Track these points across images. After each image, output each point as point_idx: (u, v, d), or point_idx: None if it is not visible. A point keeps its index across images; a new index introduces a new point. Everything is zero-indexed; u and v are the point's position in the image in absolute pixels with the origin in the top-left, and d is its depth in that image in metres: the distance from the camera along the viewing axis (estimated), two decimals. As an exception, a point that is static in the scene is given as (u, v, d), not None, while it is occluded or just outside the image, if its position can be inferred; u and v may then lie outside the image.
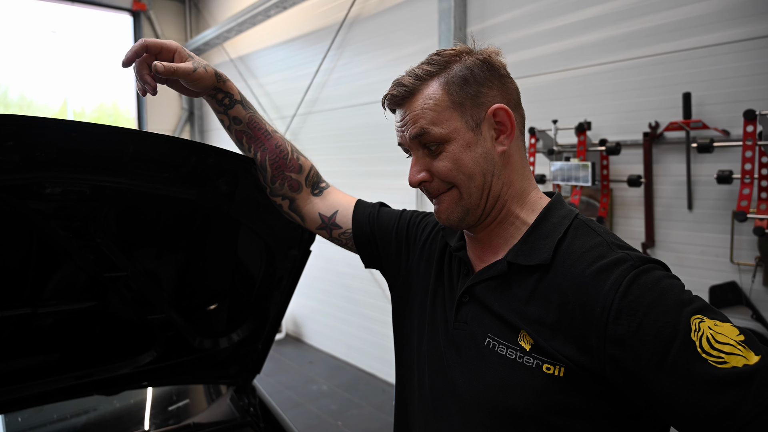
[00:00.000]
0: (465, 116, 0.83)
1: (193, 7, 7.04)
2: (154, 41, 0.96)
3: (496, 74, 0.85)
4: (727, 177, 2.23)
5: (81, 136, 1.02)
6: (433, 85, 0.84)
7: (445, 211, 0.87)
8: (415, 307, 1.01)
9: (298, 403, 3.97)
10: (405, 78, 0.86)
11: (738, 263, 2.37)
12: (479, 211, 0.85)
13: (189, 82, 1.00)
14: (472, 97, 0.83)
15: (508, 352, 0.79)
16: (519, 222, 0.86)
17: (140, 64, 0.97)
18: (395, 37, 4.04)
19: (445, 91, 0.83)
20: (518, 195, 0.87)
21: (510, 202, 0.86)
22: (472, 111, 0.83)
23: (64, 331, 1.44)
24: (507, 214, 0.87)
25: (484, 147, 0.83)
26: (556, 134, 2.87)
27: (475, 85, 0.83)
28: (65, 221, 1.20)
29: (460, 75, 0.83)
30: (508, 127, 0.84)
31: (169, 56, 0.98)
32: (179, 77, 0.98)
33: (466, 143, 0.83)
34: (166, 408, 1.93)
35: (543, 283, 0.78)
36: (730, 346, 0.64)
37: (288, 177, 1.14)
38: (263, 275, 1.51)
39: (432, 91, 0.83)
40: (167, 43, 0.98)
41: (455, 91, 0.83)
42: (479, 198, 0.84)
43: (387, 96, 0.88)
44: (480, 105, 0.83)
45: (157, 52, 0.97)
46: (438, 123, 0.82)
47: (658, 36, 2.55)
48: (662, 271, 0.72)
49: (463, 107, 0.83)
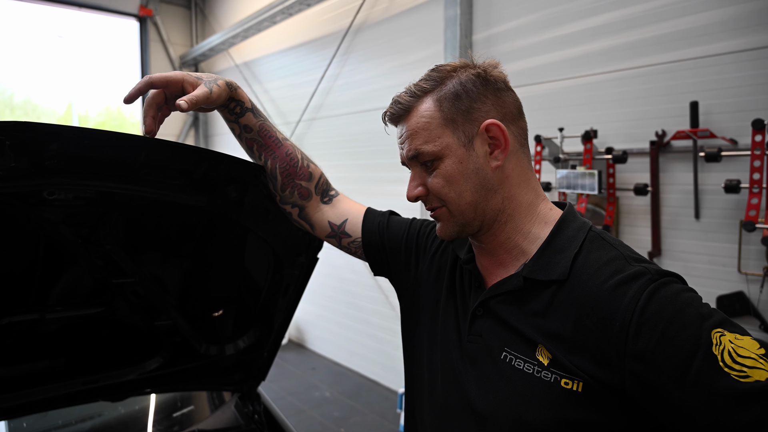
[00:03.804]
0: (457, 132, 0.84)
1: (199, 12, 7.08)
2: (159, 76, 0.94)
3: (491, 88, 0.85)
4: (734, 186, 2.22)
5: (92, 144, 1.02)
6: (427, 102, 0.85)
7: (442, 229, 0.89)
8: (425, 317, 1.00)
9: (301, 409, 3.96)
10: (402, 95, 0.88)
11: (746, 273, 2.36)
12: (476, 225, 0.86)
13: (208, 104, 0.99)
14: (464, 113, 0.83)
15: (526, 366, 0.78)
16: (532, 236, 0.86)
17: (149, 103, 0.95)
18: (401, 44, 4.05)
19: (437, 108, 0.84)
20: (524, 208, 0.86)
21: (515, 216, 0.86)
22: (464, 127, 0.83)
23: (70, 336, 1.44)
24: (515, 228, 0.86)
25: (477, 163, 0.84)
26: (562, 142, 2.87)
27: (468, 101, 0.83)
28: (75, 227, 1.19)
29: (453, 91, 0.84)
30: (501, 142, 0.83)
31: (178, 87, 0.96)
32: (200, 105, 0.96)
33: (459, 159, 0.84)
34: (170, 414, 1.93)
35: (559, 297, 0.77)
36: (752, 360, 0.63)
37: (298, 185, 1.13)
38: (270, 282, 1.51)
39: (425, 108, 0.85)
40: (172, 76, 0.95)
41: (447, 108, 0.84)
42: (472, 214, 0.85)
43: (386, 113, 0.90)
44: (472, 120, 0.83)
45: (163, 86, 0.95)
46: (430, 140, 0.84)
47: (665, 44, 2.55)
48: (680, 285, 0.72)
49: (455, 123, 0.83)
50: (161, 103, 0.97)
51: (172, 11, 6.99)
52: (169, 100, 0.98)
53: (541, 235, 0.85)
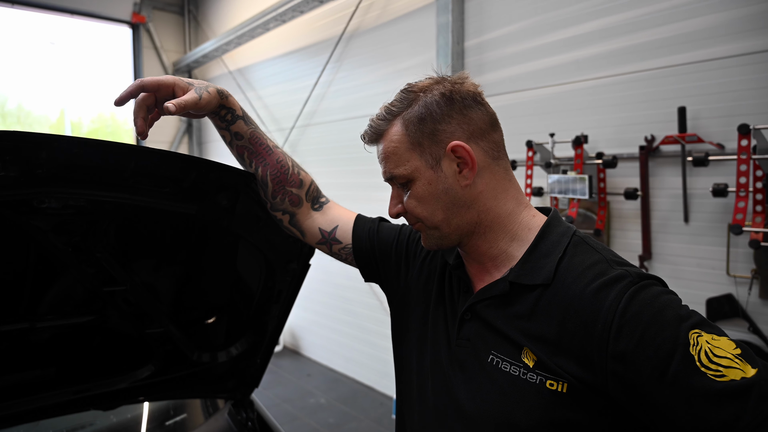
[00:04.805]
0: (424, 155, 0.86)
1: (192, 19, 7.09)
2: (150, 80, 0.95)
3: (456, 107, 0.85)
4: (722, 190, 2.25)
5: (82, 152, 1.02)
6: (396, 125, 0.88)
7: (424, 241, 0.93)
8: (415, 322, 1.01)
9: (296, 416, 3.94)
10: (374, 119, 0.91)
11: (734, 276, 2.38)
12: (453, 238, 0.89)
13: (197, 110, 1.00)
14: (429, 135, 0.85)
15: (512, 368, 0.80)
16: (516, 242, 0.87)
17: (139, 104, 0.95)
18: (394, 50, 4.07)
19: (404, 132, 0.87)
20: (504, 218, 0.87)
21: (495, 226, 0.87)
22: (431, 149, 0.85)
23: (61, 345, 1.43)
24: (495, 237, 0.88)
25: (446, 183, 0.85)
26: (553, 147, 2.89)
27: (432, 123, 0.85)
28: (65, 236, 1.20)
29: (418, 114, 0.86)
30: (469, 162, 0.84)
31: (169, 91, 0.97)
32: (189, 110, 0.97)
33: (428, 181, 0.86)
34: (163, 423, 1.92)
35: (544, 301, 0.79)
36: (727, 359, 0.65)
37: (289, 192, 1.14)
38: (262, 289, 1.51)
39: (394, 132, 0.88)
40: (164, 79, 0.96)
41: (413, 131, 0.86)
42: (447, 229, 0.88)
43: (363, 135, 0.93)
44: (438, 142, 0.85)
45: (154, 89, 0.96)
46: (400, 164, 0.87)
47: (653, 51, 2.59)
48: (660, 287, 0.74)
49: (421, 147, 0.86)
50: (151, 105, 0.97)
51: (165, 18, 6.99)
52: (160, 103, 0.98)
53: (526, 240, 0.86)
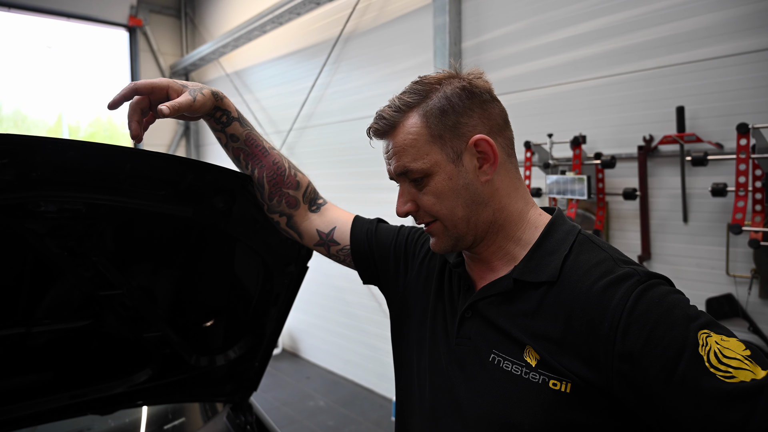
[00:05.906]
0: (445, 148, 0.83)
1: (189, 22, 7.09)
2: (144, 83, 0.94)
3: (477, 101, 0.84)
4: (721, 190, 2.25)
5: (77, 155, 1.01)
6: (412, 117, 0.84)
7: (436, 243, 0.89)
8: (414, 323, 1.01)
9: (295, 419, 3.93)
10: (386, 110, 0.86)
11: (734, 275, 2.38)
12: (470, 238, 0.86)
13: (191, 112, 0.99)
14: (451, 129, 0.82)
15: (514, 368, 0.78)
16: (522, 242, 0.86)
17: (132, 108, 0.94)
18: (391, 52, 4.07)
19: (424, 124, 0.83)
20: (515, 216, 0.87)
21: (507, 225, 0.86)
22: (452, 142, 0.83)
23: (58, 350, 1.42)
24: (506, 236, 0.87)
25: (466, 178, 0.83)
26: (551, 148, 2.89)
27: (454, 116, 0.82)
28: (60, 240, 1.19)
29: (439, 106, 0.83)
30: (491, 157, 0.83)
31: (162, 94, 0.96)
32: (183, 112, 0.97)
33: (448, 176, 0.83)
34: (161, 427, 1.90)
35: (549, 299, 0.78)
36: (737, 360, 0.64)
37: (285, 194, 1.13)
38: (260, 292, 1.50)
39: (412, 124, 0.84)
40: (158, 82, 0.95)
41: (434, 124, 0.82)
42: (465, 228, 0.85)
43: (370, 128, 0.89)
44: (460, 135, 0.83)
45: (148, 92, 0.95)
46: (419, 158, 0.83)
47: (651, 50, 2.59)
48: (668, 287, 0.73)
49: (442, 139, 0.83)
50: (145, 108, 0.97)
51: (162, 21, 6.98)
52: (154, 106, 0.97)
53: (531, 239, 0.85)
